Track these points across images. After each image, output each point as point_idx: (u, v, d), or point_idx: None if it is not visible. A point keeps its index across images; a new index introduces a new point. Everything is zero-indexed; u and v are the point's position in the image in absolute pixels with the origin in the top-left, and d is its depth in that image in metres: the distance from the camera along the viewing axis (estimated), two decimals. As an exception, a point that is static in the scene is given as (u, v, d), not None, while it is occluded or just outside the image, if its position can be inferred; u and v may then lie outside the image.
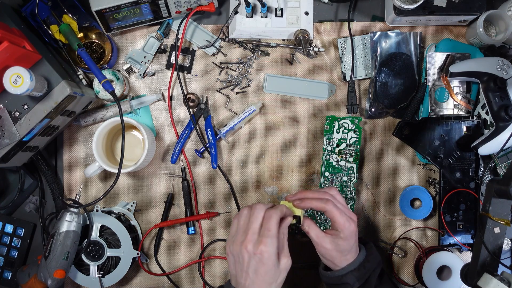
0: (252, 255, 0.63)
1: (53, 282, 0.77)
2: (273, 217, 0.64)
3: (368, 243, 0.75)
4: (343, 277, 0.69)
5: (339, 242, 0.69)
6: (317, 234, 0.69)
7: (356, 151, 0.86)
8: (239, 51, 0.89)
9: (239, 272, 0.65)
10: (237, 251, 0.64)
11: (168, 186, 0.89)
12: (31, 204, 0.89)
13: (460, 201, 0.86)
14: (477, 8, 0.81)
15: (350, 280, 0.69)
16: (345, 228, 0.68)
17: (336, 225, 0.69)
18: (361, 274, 0.69)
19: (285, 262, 0.65)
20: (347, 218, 0.69)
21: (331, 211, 0.68)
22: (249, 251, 0.63)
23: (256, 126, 0.89)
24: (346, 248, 0.69)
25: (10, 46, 0.67)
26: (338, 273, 0.70)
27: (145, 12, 0.82)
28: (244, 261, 0.64)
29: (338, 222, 0.68)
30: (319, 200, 0.69)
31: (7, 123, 0.73)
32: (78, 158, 0.89)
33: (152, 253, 0.89)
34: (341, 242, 0.69)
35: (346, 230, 0.68)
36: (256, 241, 0.63)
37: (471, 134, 0.85)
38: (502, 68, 0.80)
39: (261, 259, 0.62)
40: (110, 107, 0.87)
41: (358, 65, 0.88)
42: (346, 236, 0.68)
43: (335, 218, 0.69)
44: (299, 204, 0.69)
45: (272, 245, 0.62)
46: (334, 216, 0.69)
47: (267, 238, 0.62)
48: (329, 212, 0.69)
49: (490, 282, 0.66)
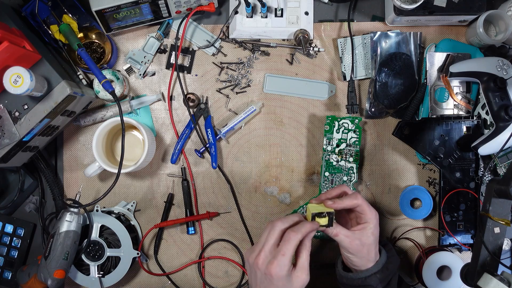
0: (262, 273, 0.62)
1: (53, 282, 0.77)
2: (291, 241, 0.62)
3: (387, 244, 0.74)
4: (367, 279, 0.68)
5: (369, 234, 0.68)
6: (346, 234, 0.67)
7: (356, 151, 0.86)
8: (239, 51, 0.89)
9: (253, 283, 0.65)
10: (250, 263, 0.64)
11: (168, 186, 0.89)
12: (31, 204, 0.89)
13: (460, 201, 0.86)
14: (477, 8, 0.81)
15: (374, 282, 0.68)
16: (372, 216, 0.68)
17: (367, 217, 0.68)
18: (384, 276, 0.69)
19: (302, 279, 0.63)
20: (371, 208, 0.69)
21: (362, 205, 0.68)
22: (260, 268, 0.62)
23: (256, 126, 0.89)
24: (376, 240, 0.68)
25: (10, 46, 0.67)
26: (361, 274, 0.69)
27: (145, 12, 0.82)
28: (256, 276, 0.64)
29: (367, 213, 0.68)
30: (350, 197, 0.68)
31: (7, 123, 0.73)
32: (78, 158, 0.89)
33: (152, 253, 0.89)
34: (370, 234, 0.68)
35: (374, 218, 0.68)
36: (268, 261, 0.62)
37: (471, 134, 0.85)
38: (502, 68, 0.80)
39: (271, 280, 0.62)
40: (110, 107, 0.87)
41: (358, 65, 0.88)
42: (375, 225, 0.68)
43: (365, 209, 0.68)
44: (332, 205, 0.67)
45: (283, 269, 0.61)
46: (365, 208, 0.68)
47: (279, 260, 0.61)
48: (360, 207, 0.68)
49: (490, 282, 0.66)
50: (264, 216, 0.89)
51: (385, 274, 0.69)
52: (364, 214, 0.68)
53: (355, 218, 0.72)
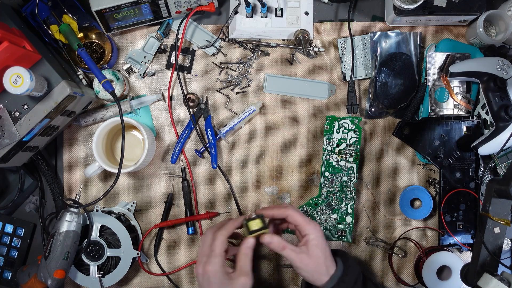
0: (202, 276, 0.66)
1: (53, 282, 0.77)
2: (218, 238, 0.68)
3: (343, 254, 0.75)
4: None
5: (313, 247, 0.68)
6: (292, 248, 0.68)
7: (356, 151, 0.86)
8: (239, 51, 0.89)
9: None
10: (196, 275, 0.68)
11: (168, 186, 0.89)
12: (31, 204, 0.89)
13: (460, 201, 0.86)
14: (477, 8, 0.81)
15: None
16: (310, 227, 0.69)
17: (301, 228, 0.70)
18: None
19: (243, 281, 0.66)
20: (310, 220, 0.70)
21: (291, 215, 0.70)
22: (199, 273, 0.67)
23: (256, 126, 0.89)
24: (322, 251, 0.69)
25: (10, 46, 0.67)
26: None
27: (145, 12, 0.82)
28: (200, 283, 0.68)
29: (302, 224, 0.69)
30: (279, 207, 0.72)
31: (7, 123, 0.73)
32: (78, 158, 0.89)
33: (152, 253, 0.89)
34: (314, 246, 0.68)
35: (312, 229, 0.69)
36: (204, 262, 0.66)
37: (471, 134, 0.85)
38: (502, 68, 0.80)
39: (209, 279, 0.65)
40: (110, 107, 0.87)
41: (358, 65, 0.88)
42: (316, 236, 0.69)
43: (298, 220, 0.70)
44: (260, 210, 0.72)
45: (216, 264, 0.65)
46: (296, 219, 0.70)
47: (211, 258, 0.66)
48: (290, 216, 0.70)
49: (490, 282, 0.66)
50: (264, 216, 0.89)
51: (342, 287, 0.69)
52: (300, 226, 0.70)
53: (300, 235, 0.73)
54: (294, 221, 0.70)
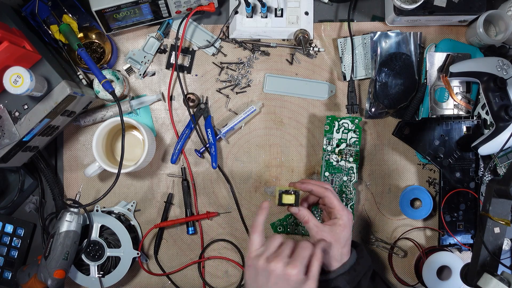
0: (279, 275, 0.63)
1: (53, 282, 0.77)
2: (308, 248, 0.65)
3: (359, 245, 0.75)
4: (334, 280, 0.68)
5: (337, 231, 0.69)
6: (316, 223, 0.70)
7: (356, 151, 0.86)
8: (239, 51, 0.89)
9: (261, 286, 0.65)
10: (263, 267, 0.64)
11: (168, 186, 0.89)
12: (31, 204, 0.89)
13: (460, 201, 0.86)
14: (477, 8, 0.81)
15: (341, 283, 0.68)
16: (343, 214, 0.70)
17: (335, 211, 0.71)
18: (352, 277, 0.69)
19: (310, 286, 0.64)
20: (345, 207, 0.71)
21: (330, 197, 0.71)
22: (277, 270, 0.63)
23: (256, 126, 0.89)
24: (344, 238, 0.69)
25: (10, 46, 0.67)
26: (328, 276, 0.69)
27: (145, 12, 0.82)
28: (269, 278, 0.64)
29: (338, 208, 0.70)
30: (319, 186, 0.72)
31: (7, 123, 0.73)
32: (78, 158, 0.89)
33: (152, 253, 0.89)
34: (339, 230, 0.69)
35: (345, 216, 0.70)
36: (287, 263, 0.64)
37: (471, 134, 0.85)
38: (502, 68, 0.80)
39: (288, 281, 0.63)
40: (110, 107, 0.87)
41: (358, 65, 0.88)
42: (345, 223, 0.70)
43: (334, 204, 0.71)
44: (300, 185, 0.73)
45: (301, 272, 0.63)
46: (333, 202, 0.71)
47: (298, 263, 0.63)
48: (328, 198, 0.71)
49: (490, 282, 0.66)
50: (264, 216, 0.89)
51: (353, 276, 0.69)
52: (334, 209, 0.71)
53: (328, 215, 0.74)
54: (330, 203, 0.71)
